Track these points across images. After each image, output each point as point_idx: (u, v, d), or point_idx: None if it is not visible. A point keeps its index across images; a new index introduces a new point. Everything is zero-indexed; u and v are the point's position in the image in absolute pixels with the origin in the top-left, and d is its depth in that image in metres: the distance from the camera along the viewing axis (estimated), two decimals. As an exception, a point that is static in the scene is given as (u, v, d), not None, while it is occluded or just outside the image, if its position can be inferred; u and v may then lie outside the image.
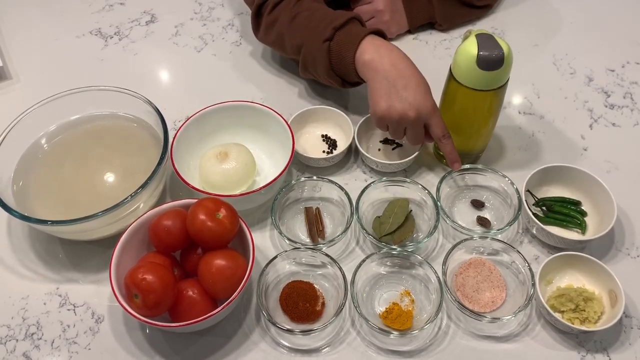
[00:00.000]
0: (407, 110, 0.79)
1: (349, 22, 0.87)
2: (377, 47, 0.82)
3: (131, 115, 0.91)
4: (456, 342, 0.74)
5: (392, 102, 0.79)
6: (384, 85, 0.80)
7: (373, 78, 0.81)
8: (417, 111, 0.79)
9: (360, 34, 0.84)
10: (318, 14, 0.90)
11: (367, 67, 0.82)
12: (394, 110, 0.79)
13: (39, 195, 0.83)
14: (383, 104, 0.80)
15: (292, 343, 0.74)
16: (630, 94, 1.04)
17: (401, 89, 0.79)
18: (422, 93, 0.79)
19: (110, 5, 1.22)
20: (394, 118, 0.80)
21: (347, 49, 0.84)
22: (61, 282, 0.80)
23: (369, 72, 0.82)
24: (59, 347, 0.74)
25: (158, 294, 0.67)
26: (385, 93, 0.80)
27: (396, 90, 0.79)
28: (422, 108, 0.79)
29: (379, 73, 0.81)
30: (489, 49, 0.74)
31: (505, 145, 0.95)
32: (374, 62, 0.81)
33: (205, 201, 0.74)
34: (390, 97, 0.79)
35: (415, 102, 0.78)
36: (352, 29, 0.85)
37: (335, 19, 0.87)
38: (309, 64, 0.91)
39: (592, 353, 0.73)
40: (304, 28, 0.90)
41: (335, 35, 0.86)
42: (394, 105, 0.79)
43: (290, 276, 0.79)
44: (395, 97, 0.79)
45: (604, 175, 0.90)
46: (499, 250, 0.80)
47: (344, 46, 0.85)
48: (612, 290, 0.75)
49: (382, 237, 0.81)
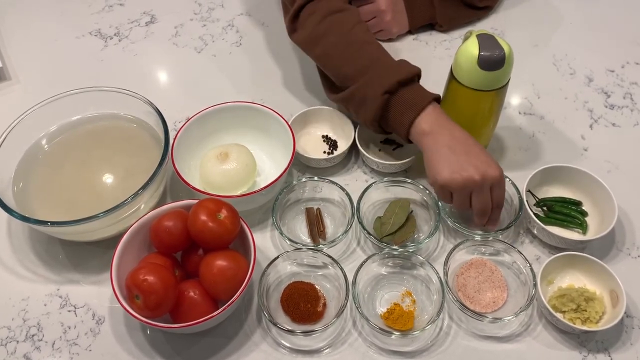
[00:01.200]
0: (473, 174, 0.74)
1: (414, 81, 0.82)
2: (437, 118, 0.79)
3: (132, 116, 0.90)
4: (457, 342, 0.74)
5: (455, 168, 0.74)
6: (445, 153, 0.76)
7: (431, 148, 0.77)
8: (482, 174, 0.74)
9: (424, 99, 0.79)
10: (379, 55, 0.84)
11: (425, 135, 0.78)
12: (457, 176, 0.74)
13: (39, 196, 0.82)
14: (446, 170, 0.75)
15: (294, 344, 0.74)
16: (630, 94, 1.04)
17: (463, 154, 0.75)
18: (486, 157, 0.76)
19: (109, 6, 1.21)
20: (458, 183, 0.74)
21: (407, 111, 0.79)
22: (62, 283, 0.80)
23: (426, 141, 0.78)
24: (59, 348, 0.74)
25: (159, 295, 0.67)
26: (446, 161, 0.75)
27: (457, 157, 0.75)
28: (488, 171, 0.74)
29: (438, 142, 0.77)
30: (490, 49, 0.74)
31: (505, 145, 0.96)
32: (433, 133, 0.77)
33: (207, 202, 0.73)
34: (451, 164, 0.75)
35: (481, 165, 0.74)
36: (416, 90, 0.80)
37: (400, 71, 0.81)
38: (354, 103, 0.85)
39: (593, 353, 0.73)
40: (361, 64, 0.83)
41: (398, 91, 0.80)
42: (458, 170, 0.74)
43: (292, 277, 0.79)
44: (456, 163, 0.75)
45: (605, 175, 0.90)
46: (500, 251, 0.80)
47: (405, 107, 0.79)
48: (613, 290, 0.75)
49: (383, 237, 0.81)
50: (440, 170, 0.75)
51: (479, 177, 0.74)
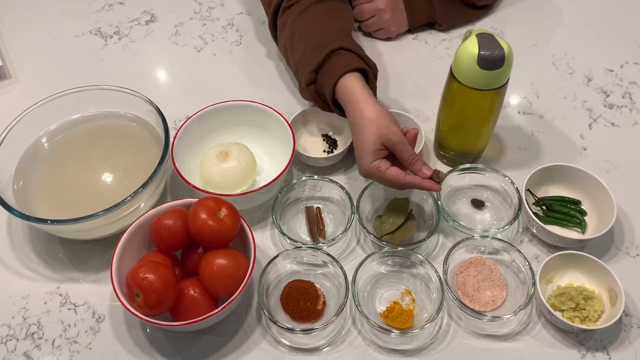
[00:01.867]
0: (359, 168, 0.79)
1: (324, 63, 0.84)
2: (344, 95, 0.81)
3: (132, 114, 0.91)
4: (457, 341, 0.74)
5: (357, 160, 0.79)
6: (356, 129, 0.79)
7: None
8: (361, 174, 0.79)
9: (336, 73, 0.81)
10: (308, 39, 0.87)
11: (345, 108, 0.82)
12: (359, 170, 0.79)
13: (39, 195, 0.83)
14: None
15: (293, 342, 0.74)
16: (629, 93, 1.04)
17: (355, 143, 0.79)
18: (358, 156, 0.78)
19: (109, 4, 1.21)
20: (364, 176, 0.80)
21: (326, 90, 0.83)
22: (62, 282, 0.80)
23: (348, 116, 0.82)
24: (59, 346, 0.74)
25: (159, 293, 0.67)
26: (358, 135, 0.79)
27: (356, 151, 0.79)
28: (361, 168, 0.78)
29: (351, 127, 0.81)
30: (489, 49, 0.74)
31: (505, 144, 0.96)
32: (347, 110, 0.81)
33: (207, 200, 0.74)
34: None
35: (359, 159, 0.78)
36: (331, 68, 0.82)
37: (310, 62, 0.84)
38: (311, 99, 0.89)
39: (592, 352, 0.73)
40: (296, 57, 0.88)
41: (317, 79, 0.84)
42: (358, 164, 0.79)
43: (291, 275, 0.79)
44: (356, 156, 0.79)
45: (604, 174, 0.90)
46: (499, 250, 0.80)
47: (323, 89, 0.83)
48: (612, 289, 0.75)
49: (382, 236, 0.81)
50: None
51: (362, 174, 0.79)
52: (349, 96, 0.80)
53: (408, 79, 1.06)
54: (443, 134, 0.90)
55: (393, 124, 0.77)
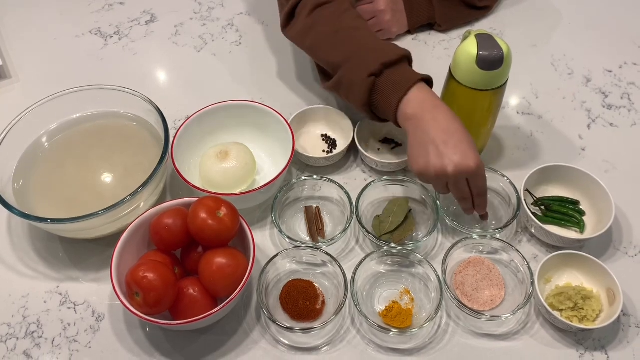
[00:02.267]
0: (446, 166, 0.72)
1: (400, 62, 0.79)
2: (422, 101, 0.76)
3: (132, 114, 0.91)
4: (455, 340, 0.75)
5: (430, 159, 0.73)
6: (423, 141, 0.74)
7: (413, 133, 0.75)
8: (456, 167, 0.72)
9: (410, 80, 0.77)
10: (366, 39, 0.83)
11: (408, 120, 0.76)
12: (431, 167, 0.73)
13: (39, 194, 0.83)
14: (421, 161, 0.74)
15: (292, 341, 0.74)
16: (628, 94, 1.04)
17: (441, 144, 0.73)
18: (463, 149, 0.72)
19: (110, 4, 1.22)
20: (431, 175, 0.74)
21: (393, 92, 0.77)
22: (61, 281, 0.80)
23: (409, 126, 0.76)
24: (59, 345, 0.75)
25: (159, 292, 0.67)
26: (424, 149, 0.74)
27: (435, 146, 0.73)
28: (463, 163, 0.72)
29: (419, 128, 0.75)
30: (488, 49, 0.75)
31: (504, 145, 0.96)
32: (415, 118, 0.75)
33: (206, 200, 0.74)
34: (427, 154, 0.73)
35: (455, 158, 0.72)
36: (402, 71, 0.78)
37: (385, 53, 0.79)
38: (343, 88, 0.84)
39: (590, 351, 0.74)
40: (347, 49, 0.83)
41: (383, 72, 0.78)
42: (431, 161, 0.73)
43: (291, 275, 0.80)
44: (433, 153, 0.73)
45: (602, 174, 0.91)
46: (498, 249, 0.81)
47: (390, 88, 0.78)
48: (610, 289, 0.75)
49: (381, 236, 0.81)
50: (416, 159, 0.75)
51: (452, 170, 0.72)
52: (431, 99, 0.76)
53: (407, 79, 1.07)
54: (442, 134, 0.90)
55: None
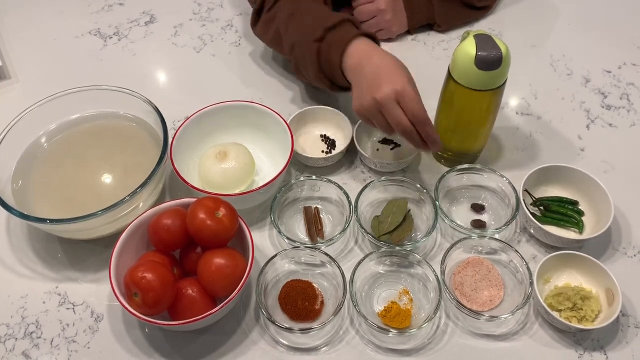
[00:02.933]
0: (374, 94, 0.75)
1: (341, 24, 0.84)
2: (360, 51, 0.80)
3: (131, 114, 0.91)
4: (454, 340, 0.75)
5: (362, 94, 0.77)
6: (359, 83, 0.79)
7: (354, 80, 0.80)
8: (382, 93, 0.74)
9: (349, 36, 0.82)
10: (314, 14, 0.89)
11: (351, 72, 0.81)
12: (364, 100, 0.77)
13: (38, 194, 0.83)
14: (355, 100, 0.79)
15: (291, 341, 0.74)
16: (627, 94, 1.04)
17: (372, 79, 0.76)
18: (389, 77, 0.75)
19: (109, 5, 1.22)
20: (365, 108, 0.77)
21: (334, 50, 0.82)
22: (60, 281, 0.80)
23: (352, 77, 0.81)
24: (58, 345, 0.75)
25: (157, 292, 0.67)
26: (359, 89, 0.78)
27: (367, 82, 0.77)
28: (387, 88, 0.74)
29: (360, 75, 0.79)
30: (487, 49, 0.75)
31: (503, 145, 0.96)
32: (355, 67, 0.80)
33: (205, 200, 0.74)
34: (361, 91, 0.78)
35: (382, 85, 0.74)
36: (342, 31, 0.83)
37: (327, 19, 0.85)
38: (301, 65, 0.90)
39: (589, 351, 0.74)
40: (298, 27, 0.89)
41: (326, 35, 0.84)
42: (364, 95, 0.77)
43: (289, 275, 0.80)
44: (365, 88, 0.77)
45: (601, 175, 0.91)
46: (497, 250, 0.81)
47: (332, 47, 0.83)
48: (609, 289, 0.75)
49: (380, 236, 0.81)
50: (354, 101, 0.80)
51: (380, 96, 0.74)
52: (372, 49, 0.80)
53: (406, 79, 1.07)
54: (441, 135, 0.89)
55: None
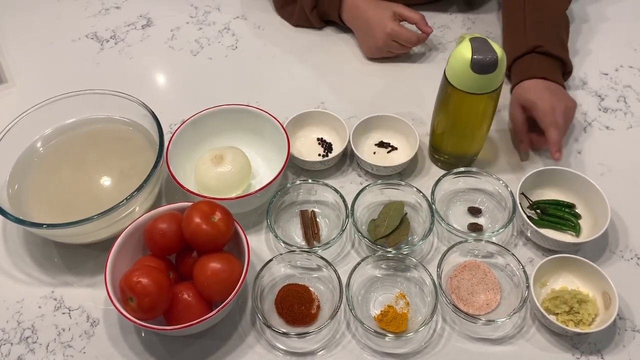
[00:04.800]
0: (384, 30, 1.00)
1: None
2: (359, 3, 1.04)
3: (127, 118, 0.91)
4: (451, 344, 0.74)
5: (375, 34, 1.03)
6: (364, 28, 1.04)
7: (355, 22, 1.06)
8: (389, 28, 1.00)
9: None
10: None
11: (349, 11, 1.05)
12: (378, 40, 1.02)
13: (34, 199, 0.83)
14: (370, 42, 1.05)
15: (288, 346, 0.74)
16: (624, 97, 1.04)
17: (375, 23, 1.02)
18: (382, 20, 1.00)
19: (106, 9, 1.22)
20: (380, 45, 1.03)
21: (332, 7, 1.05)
22: (56, 286, 0.80)
23: (350, 16, 1.05)
24: (54, 350, 0.74)
25: (153, 297, 0.67)
26: (367, 33, 1.04)
27: (370, 26, 1.03)
28: (387, 26, 1.00)
29: (359, 18, 1.04)
30: (482, 53, 0.75)
31: (499, 148, 0.96)
32: (355, 7, 1.04)
33: (201, 204, 0.74)
34: (373, 34, 1.03)
35: (385, 23, 1.00)
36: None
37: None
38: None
39: (586, 355, 0.73)
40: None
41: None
42: (376, 35, 1.02)
43: (286, 279, 0.79)
44: (375, 31, 1.02)
45: (598, 178, 0.91)
46: (493, 253, 0.81)
47: (328, 8, 1.05)
48: (606, 293, 0.75)
49: (377, 240, 0.81)
50: (367, 45, 1.08)
51: (388, 30, 1.01)
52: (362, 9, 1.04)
53: (403, 83, 1.07)
54: (437, 138, 0.90)
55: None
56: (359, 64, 1.10)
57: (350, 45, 1.13)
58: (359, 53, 1.11)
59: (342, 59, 1.11)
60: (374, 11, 1.02)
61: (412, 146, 0.91)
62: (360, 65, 1.09)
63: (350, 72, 1.08)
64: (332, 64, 1.10)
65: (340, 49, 1.12)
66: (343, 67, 1.09)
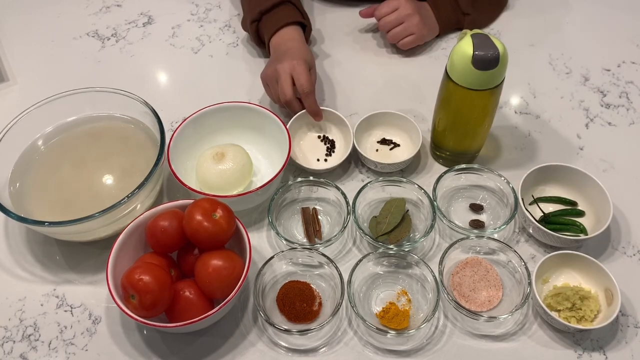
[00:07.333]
0: (277, 64, 0.92)
1: (275, 7, 1.01)
2: (284, 35, 0.99)
3: (128, 116, 0.91)
4: (453, 341, 0.74)
5: (271, 64, 0.95)
6: (271, 60, 0.98)
7: (276, 51, 0.99)
8: (277, 67, 0.91)
9: (280, 23, 0.99)
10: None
11: (272, 47, 1.01)
12: (269, 69, 0.94)
13: (36, 197, 0.83)
14: (265, 69, 0.97)
15: (290, 343, 0.74)
16: (626, 93, 1.04)
17: (278, 58, 0.94)
18: (288, 59, 0.92)
19: (107, 7, 1.22)
20: (268, 75, 0.94)
21: (267, 30, 1.01)
22: (58, 284, 0.80)
23: (277, 45, 1.00)
24: (56, 348, 0.74)
25: (155, 294, 0.67)
26: (271, 61, 0.97)
27: (277, 58, 0.95)
28: (281, 64, 0.91)
29: (282, 46, 0.98)
30: (484, 49, 0.74)
31: (501, 144, 0.96)
32: (274, 45, 1.00)
33: (202, 202, 0.74)
34: (268, 66, 0.96)
35: (285, 59, 0.92)
36: (278, 14, 1.00)
37: (265, 2, 1.01)
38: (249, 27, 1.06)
39: (588, 352, 0.73)
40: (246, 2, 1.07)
41: (261, 18, 1.02)
42: (270, 66, 0.95)
43: (287, 276, 0.79)
44: (274, 61, 0.95)
45: (600, 174, 0.90)
46: (495, 250, 0.80)
47: (266, 27, 1.01)
48: (608, 289, 0.75)
49: (378, 236, 0.81)
50: (263, 70, 0.98)
51: (279, 67, 0.91)
52: (289, 41, 0.98)
53: (404, 79, 1.06)
54: (439, 135, 0.90)
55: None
56: (360, 61, 1.09)
57: (350, 43, 1.13)
58: (359, 50, 1.11)
59: (343, 56, 1.10)
60: (298, 49, 0.96)
61: (415, 142, 0.91)
62: (361, 63, 1.09)
63: (351, 70, 1.08)
64: (333, 61, 1.10)
65: (340, 47, 1.12)
66: (344, 64, 1.09)
